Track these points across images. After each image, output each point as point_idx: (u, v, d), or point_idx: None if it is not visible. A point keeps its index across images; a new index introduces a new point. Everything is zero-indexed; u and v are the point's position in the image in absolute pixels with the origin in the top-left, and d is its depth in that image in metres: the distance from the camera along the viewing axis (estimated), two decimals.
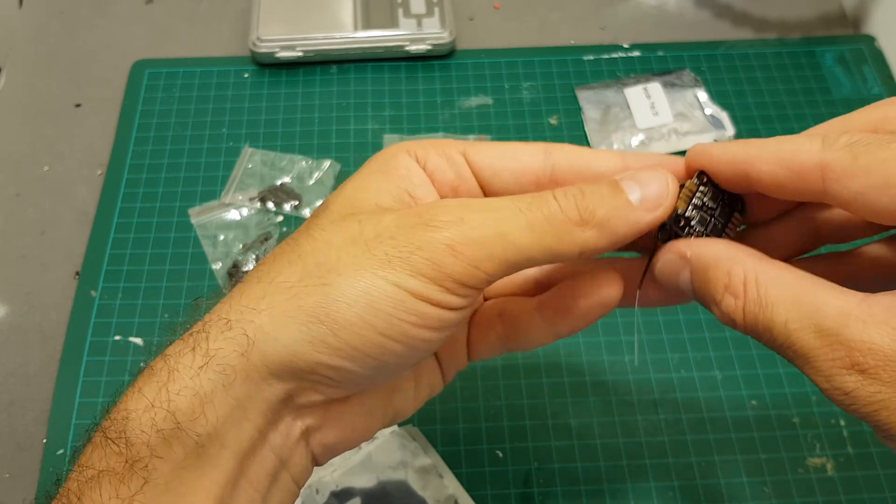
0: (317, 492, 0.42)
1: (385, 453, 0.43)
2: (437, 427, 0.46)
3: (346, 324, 0.24)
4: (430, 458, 0.44)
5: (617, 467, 0.45)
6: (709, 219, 0.27)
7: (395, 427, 0.44)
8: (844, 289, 0.23)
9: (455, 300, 0.25)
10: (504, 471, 0.45)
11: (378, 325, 0.24)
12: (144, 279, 0.51)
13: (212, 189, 0.55)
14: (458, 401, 0.47)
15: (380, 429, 0.31)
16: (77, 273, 0.52)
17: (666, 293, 0.29)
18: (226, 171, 0.56)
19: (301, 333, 0.24)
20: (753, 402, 0.47)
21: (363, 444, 0.44)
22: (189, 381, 0.24)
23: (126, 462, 0.24)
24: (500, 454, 0.45)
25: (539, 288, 0.32)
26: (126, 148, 0.57)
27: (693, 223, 0.27)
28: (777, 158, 0.24)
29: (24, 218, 0.54)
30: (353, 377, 0.26)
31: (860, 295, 0.22)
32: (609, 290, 0.29)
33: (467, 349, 0.32)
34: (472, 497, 0.43)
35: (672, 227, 0.27)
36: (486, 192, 0.30)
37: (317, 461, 0.29)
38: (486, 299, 0.33)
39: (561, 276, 0.31)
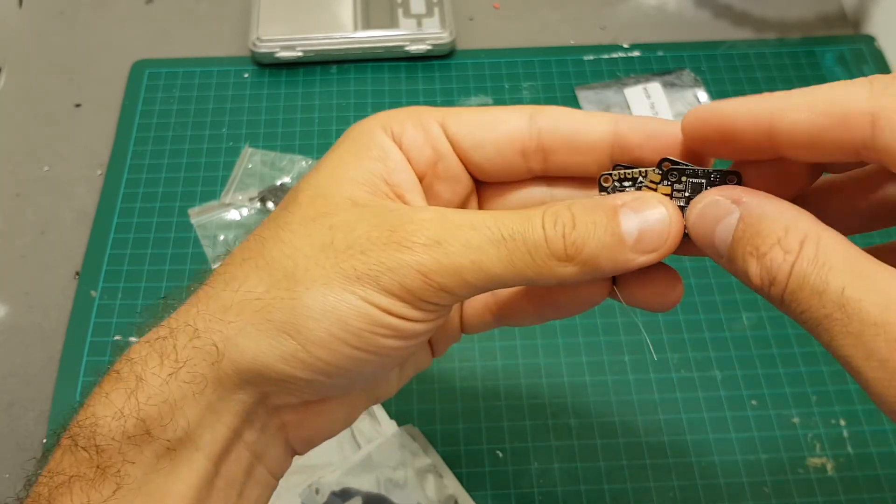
0: (317, 492, 0.42)
1: (385, 453, 0.43)
2: (437, 427, 0.46)
3: (317, 340, 0.24)
4: (430, 458, 0.44)
5: (617, 467, 0.45)
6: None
7: (395, 427, 0.44)
8: None
9: (426, 315, 0.25)
10: (504, 471, 0.45)
11: (349, 340, 0.24)
12: (144, 279, 0.51)
13: (212, 189, 0.55)
14: (458, 401, 0.47)
15: (361, 413, 0.31)
16: (77, 273, 0.52)
17: (654, 290, 0.26)
18: (226, 171, 0.56)
19: (271, 348, 0.24)
20: (753, 402, 0.47)
21: (363, 444, 0.44)
22: (158, 388, 0.24)
23: (97, 468, 0.23)
24: (500, 454, 0.45)
25: None
26: (126, 148, 0.57)
27: None
28: (813, 106, 0.22)
29: (24, 218, 0.54)
30: (329, 387, 0.26)
31: None
32: (592, 292, 0.28)
33: (461, 323, 0.32)
34: (472, 497, 0.43)
35: None
36: (468, 166, 0.28)
37: (296, 452, 0.29)
38: None
39: None
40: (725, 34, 0.64)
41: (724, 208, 0.23)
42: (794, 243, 0.21)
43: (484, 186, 0.30)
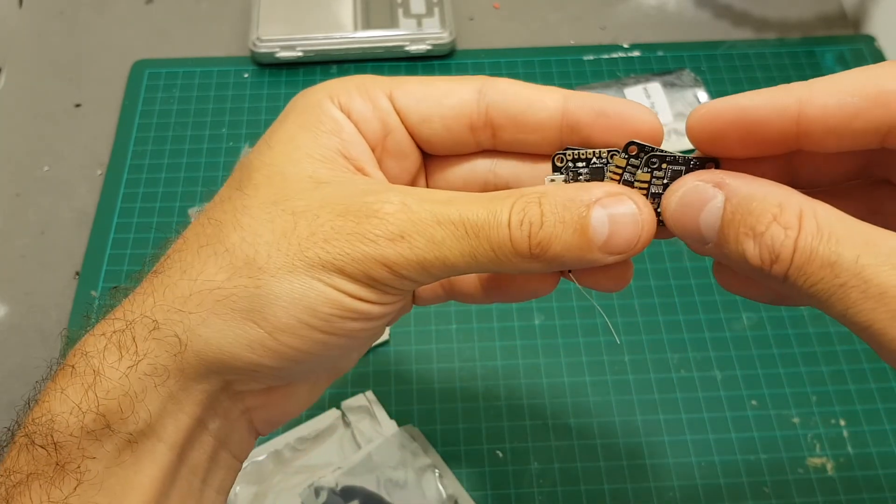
0: (317, 492, 0.42)
1: (385, 453, 0.43)
2: (437, 427, 0.46)
3: (285, 327, 0.24)
4: (430, 458, 0.44)
5: (617, 467, 0.45)
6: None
7: (395, 427, 0.44)
8: None
9: (391, 298, 0.25)
10: (504, 471, 0.45)
11: (318, 326, 0.24)
12: None
13: (212, 189, 0.55)
14: (458, 401, 0.47)
15: (324, 390, 0.31)
16: (77, 273, 0.52)
17: (605, 274, 0.26)
18: (226, 172, 0.56)
19: (237, 338, 0.24)
20: (753, 402, 0.47)
21: (363, 444, 0.44)
22: (118, 382, 0.23)
23: (56, 465, 0.23)
24: (500, 454, 0.45)
25: None
26: (126, 148, 0.57)
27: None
28: (844, 89, 0.22)
29: (24, 218, 0.54)
30: (296, 373, 0.26)
31: None
32: (539, 286, 0.28)
33: (413, 296, 0.31)
34: (472, 497, 0.43)
35: None
36: (415, 139, 0.28)
37: (259, 434, 0.29)
38: None
39: None
40: (725, 34, 0.64)
41: (706, 193, 0.23)
42: (792, 219, 0.21)
43: (431, 158, 0.29)
